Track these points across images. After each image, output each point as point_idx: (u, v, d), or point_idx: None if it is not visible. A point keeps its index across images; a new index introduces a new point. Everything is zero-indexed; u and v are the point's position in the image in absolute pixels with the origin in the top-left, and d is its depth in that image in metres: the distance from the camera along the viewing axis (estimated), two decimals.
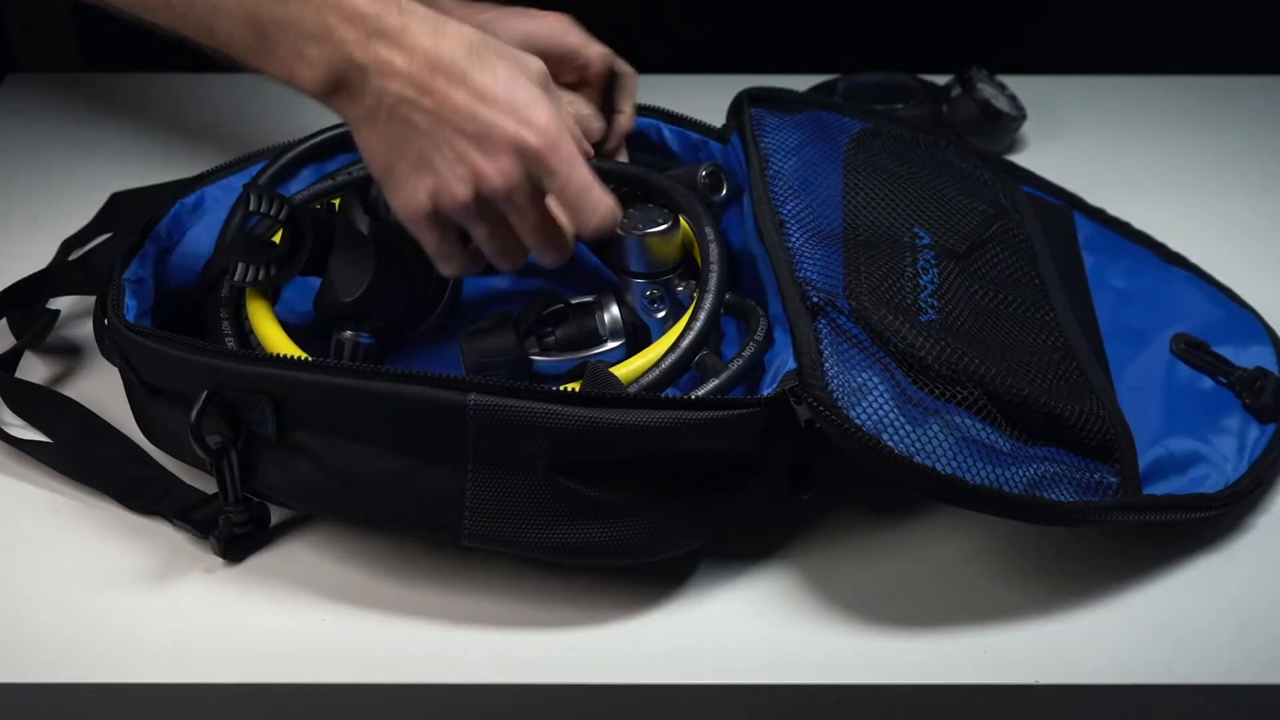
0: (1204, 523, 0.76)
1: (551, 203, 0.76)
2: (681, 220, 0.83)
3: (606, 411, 0.66)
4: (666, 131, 0.92)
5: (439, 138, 0.71)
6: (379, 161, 0.74)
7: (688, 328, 0.75)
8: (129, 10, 0.76)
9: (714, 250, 0.78)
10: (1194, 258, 0.94)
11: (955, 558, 0.74)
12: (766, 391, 0.71)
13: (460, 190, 0.72)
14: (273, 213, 0.79)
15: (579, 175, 0.73)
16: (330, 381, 0.68)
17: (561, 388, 0.70)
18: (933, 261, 0.79)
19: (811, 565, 0.74)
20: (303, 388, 0.69)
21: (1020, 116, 1.15)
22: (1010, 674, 0.69)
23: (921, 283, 0.77)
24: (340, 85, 0.72)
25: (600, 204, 0.74)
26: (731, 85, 0.90)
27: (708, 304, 0.76)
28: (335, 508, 0.72)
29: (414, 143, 0.72)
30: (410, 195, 0.74)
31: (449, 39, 0.71)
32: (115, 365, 0.79)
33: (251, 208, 0.79)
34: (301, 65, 0.72)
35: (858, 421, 0.67)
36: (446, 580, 0.73)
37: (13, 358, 0.86)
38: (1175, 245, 0.94)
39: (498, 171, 0.72)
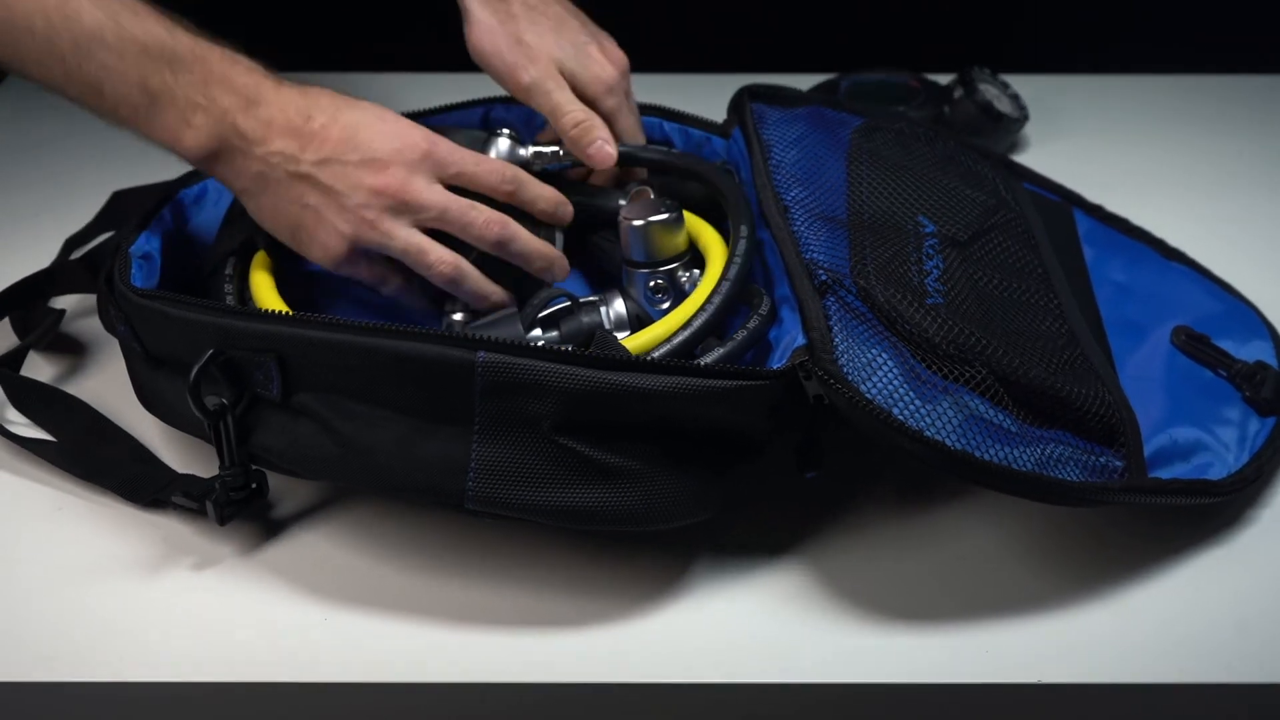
0: (1208, 513, 0.76)
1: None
2: (685, 213, 0.82)
3: (614, 374, 0.66)
4: (669, 128, 0.92)
5: (330, 177, 0.76)
6: (284, 224, 0.78)
7: (702, 309, 0.75)
8: (14, 65, 0.76)
9: (743, 246, 0.79)
10: (1198, 256, 0.94)
11: (956, 557, 0.74)
12: (775, 366, 0.71)
13: (369, 214, 0.76)
14: None
15: (463, 152, 0.79)
16: (339, 339, 0.68)
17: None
18: (937, 249, 0.79)
19: (813, 564, 0.74)
20: (311, 346, 0.69)
21: (1022, 117, 1.15)
22: (1012, 673, 0.68)
23: (927, 267, 0.77)
24: (223, 151, 0.76)
25: (495, 164, 0.80)
26: (733, 84, 0.90)
27: (724, 289, 0.76)
28: (336, 472, 0.71)
29: (310, 192, 0.76)
30: (327, 240, 0.77)
31: (313, 94, 0.77)
32: (117, 335, 0.78)
33: None
34: (187, 131, 0.75)
35: (868, 395, 0.67)
36: (446, 579, 0.73)
37: (17, 357, 0.86)
38: (1179, 244, 0.94)
39: (392, 182, 0.76)
